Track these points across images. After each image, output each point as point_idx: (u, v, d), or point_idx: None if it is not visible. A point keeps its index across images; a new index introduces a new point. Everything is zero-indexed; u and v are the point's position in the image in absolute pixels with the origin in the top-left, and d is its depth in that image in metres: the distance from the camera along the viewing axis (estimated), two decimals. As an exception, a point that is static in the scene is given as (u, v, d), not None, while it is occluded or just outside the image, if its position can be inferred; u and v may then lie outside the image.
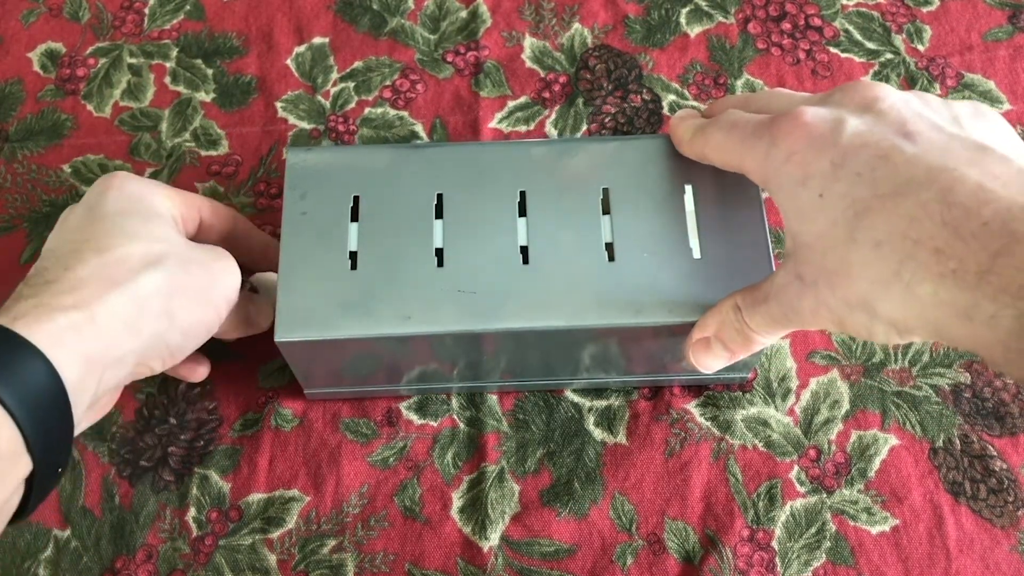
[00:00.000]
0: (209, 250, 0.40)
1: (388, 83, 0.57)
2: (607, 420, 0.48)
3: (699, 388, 0.49)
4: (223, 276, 0.40)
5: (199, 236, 0.43)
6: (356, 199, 0.42)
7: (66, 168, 0.55)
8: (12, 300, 0.34)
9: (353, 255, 0.41)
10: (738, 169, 0.37)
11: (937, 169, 0.30)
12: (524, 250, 0.41)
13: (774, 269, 0.40)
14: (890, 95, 0.33)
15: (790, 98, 0.38)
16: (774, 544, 0.46)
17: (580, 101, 0.57)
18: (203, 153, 0.55)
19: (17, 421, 0.31)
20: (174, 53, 0.58)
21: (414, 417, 0.49)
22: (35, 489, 0.33)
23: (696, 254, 0.41)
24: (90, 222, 0.38)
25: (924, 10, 0.60)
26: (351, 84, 0.57)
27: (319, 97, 0.57)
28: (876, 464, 0.47)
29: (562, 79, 0.58)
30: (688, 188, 0.42)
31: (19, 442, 0.31)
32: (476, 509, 0.47)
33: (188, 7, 0.60)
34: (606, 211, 0.42)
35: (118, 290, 0.35)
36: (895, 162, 0.31)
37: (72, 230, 0.38)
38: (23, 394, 0.31)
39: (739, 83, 0.57)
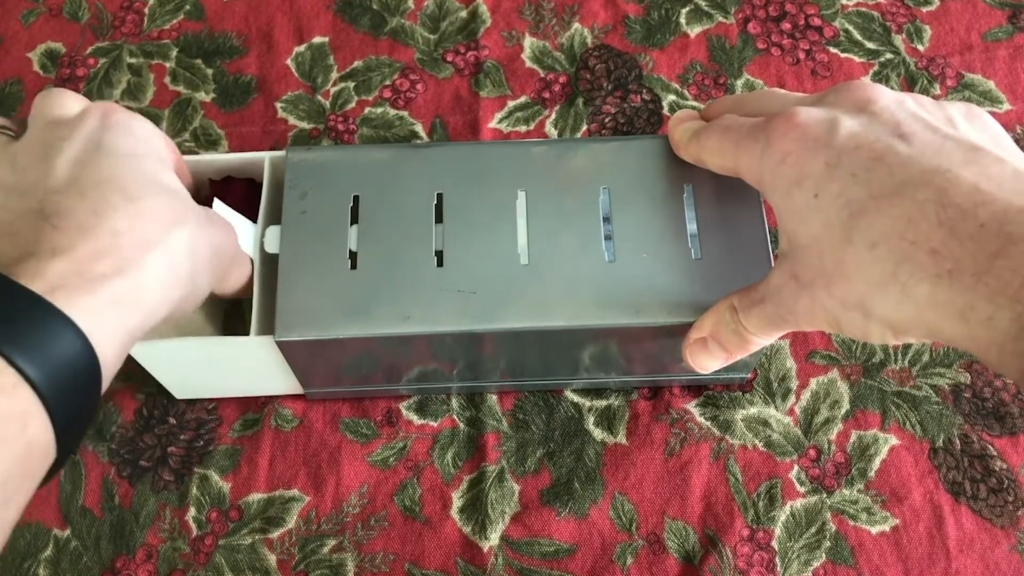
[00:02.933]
0: (210, 211, 0.38)
1: (388, 83, 0.57)
2: (607, 420, 0.49)
3: (699, 388, 0.49)
4: (228, 238, 0.38)
5: None
6: (356, 199, 0.42)
7: (66, 168, 0.55)
8: (40, 248, 0.29)
9: (353, 255, 0.41)
10: (734, 172, 0.37)
11: (932, 170, 0.30)
12: (522, 250, 0.41)
13: (773, 269, 0.40)
14: (884, 96, 0.33)
15: (784, 99, 0.38)
16: (774, 544, 0.46)
17: (580, 101, 0.57)
18: (203, 153, 0.55)
19: (52, 413, 0.28)
20: (174, 53, 0.59)
21: (414, 417, 0.49)
22: (44, 478, 0.30)
23: (695, 254, 0.41)
24: (101, 157, 0.33)
25: (924, 10, 0.60)
26: (351, 84, 0.57)
27: (319, 97, 0.57)
28: (876, 464, 0.47)
29: (562, 79, 0.58)
30: (687, 188, 0.42)
31: (51, 435, 0.28)
32: (476, 509, 0.47)
33: (188, 7, 0.60)
34: (605, 211, 0.42)
35: (156, 251, 0.32)
36: (890, 163, 0.31)
37: (78, 164, 0.32)
38: (60, 383, 0.28)
39: (739, 83, 0.57)
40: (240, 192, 0.45)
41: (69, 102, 0.36)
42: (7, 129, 0.36)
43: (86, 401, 0.29)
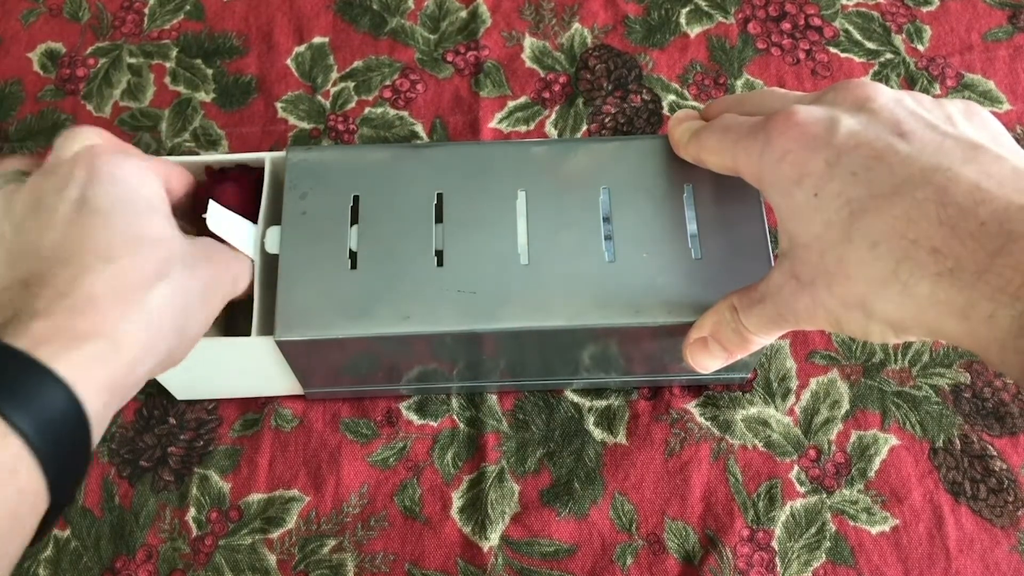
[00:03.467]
0: (203, 246, 0.38)
1: (388, 83, 0.57)
2: (607, 420, 0.49)
3: (699, 388, 0.49)
4: (224, 267, 0.39)
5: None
6: (356, 199, 0.42)
7: (66, 168, 0.55)
8: (22, 312, 0.31)
9: (353, 255, 0.41)
10: (733, 171, 0.37)
11: (932, 169, 0.30)
12: (522, 250, 0.41)
13: (773, 269, 0.40)
14: (883, 94, 0.33)
15: (784, 97, 0.38)
16: (774, 544, 0.46)
17: (580, 101, 0.57)
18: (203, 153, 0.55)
19: (42, 460, 0.28)
20: (174, 53, 0.59)
21: (414, 417, 0.49)
22: (43, 525, 0.31)
23: (695, 254, 0.41)
24: (84, 217, 0.34)
25: (924, 10, 0.60)
26: (351, 84, 0.57)
27: (319, 97, 0.57)
28: (876, 464, 0.47)
29: (562, 79, 0.58)
30: (687, 188, 0.42)
31: (43, 482, 0.29)
32: (476, 509, 0.47)
33: (188, 7, 0.60)
34: (605, 211, 0.42)
35: (135, 310, 0.33)
36: (890, 162, 0.31)
37: (64, 224, 0.34)
38: (48, 431, 0.29)
39: (739, 83, 0.57)
40: (240, 182, 0.44)
41: (68, 144, 0.37)
42: (23, 174, 0.37)
43: (76, 449, 0.30)
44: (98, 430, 0.31)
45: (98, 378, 0.31)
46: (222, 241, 0.40)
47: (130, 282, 0.33)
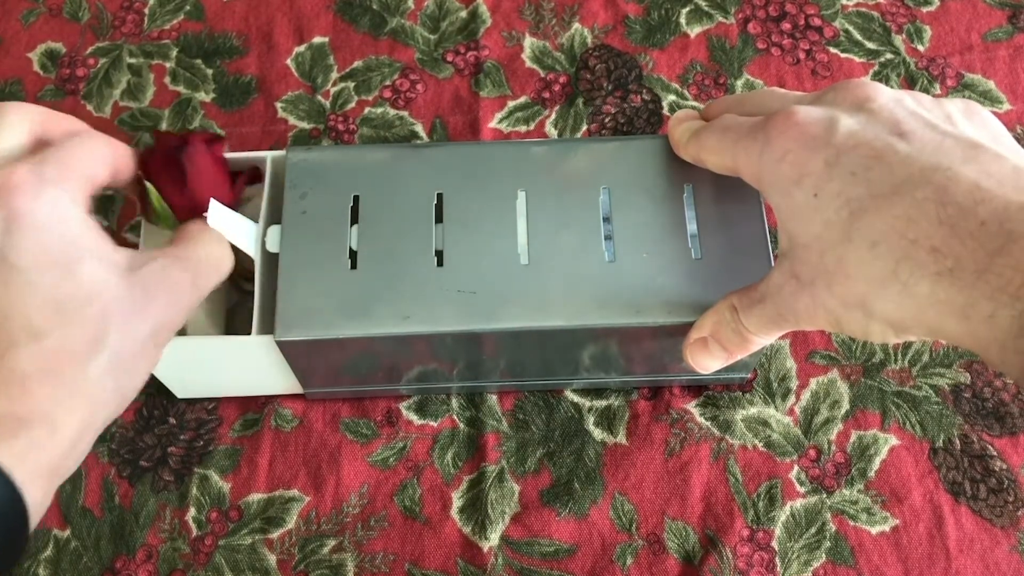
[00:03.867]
0: (147, 278, 0.33)
1: (388, 83, 0.57)
2: (607, 420, 0.49)
3: (699, 388, 0.49)
4: (171, 307, 0.35)
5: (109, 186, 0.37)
6: (356, 199, 0.42)
7: (66, 168, 0.55)
8: None
9: (353, 255, 0.41)
10: (733, 171, 0.37)
11: (931, 168, 0.30)
12: (522, 250, 0.41)
13: (773, 269, 0.40)
14: (882, 94, 0.33)
15: (783, 98, 0.38)
16: (774, 544, 0.46)
17: (580, 101, 0.57)
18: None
19: None
20: (174, 53, 0.59)
21: (414, 417, 0.49)
22: None
23: (695, 254, 0.41)
24: (5, 277, 0.30)
25: (924, 10, 0.60)
26: (351, 84, 0.57)
27: (319, 97, 0.57)
28: (876, 464, 0.47)
29: (562, 79, 0.58)
30: (687, 188, 0.42)
31: None
32: (476, 509, 0.47)
33: (188, 7, 0.60)
34: (605, 211, 0.42)
35: (72, 390, 0.30)
36: (889, 161, 0.31)
37: None
38: None
39: (739, 83, 0.57)
40: (213, 148, 0.41)
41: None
42: None
43: (11, 539, 0.29)
44: (35, 517, 0.30)
45: (37, 465, 0.29)
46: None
47: (63, 359, 0.30)
